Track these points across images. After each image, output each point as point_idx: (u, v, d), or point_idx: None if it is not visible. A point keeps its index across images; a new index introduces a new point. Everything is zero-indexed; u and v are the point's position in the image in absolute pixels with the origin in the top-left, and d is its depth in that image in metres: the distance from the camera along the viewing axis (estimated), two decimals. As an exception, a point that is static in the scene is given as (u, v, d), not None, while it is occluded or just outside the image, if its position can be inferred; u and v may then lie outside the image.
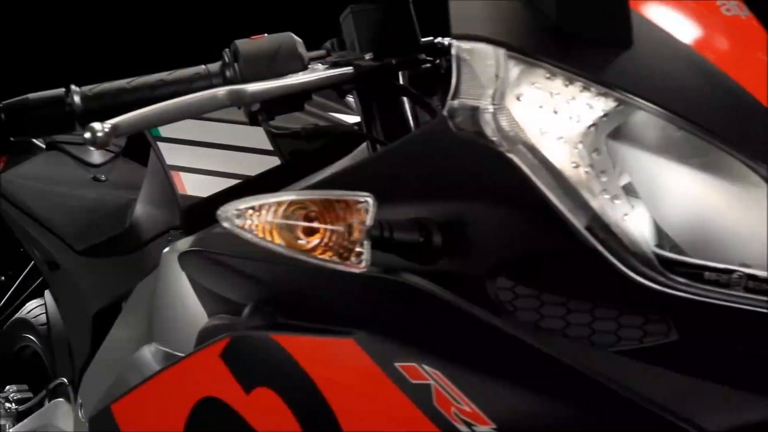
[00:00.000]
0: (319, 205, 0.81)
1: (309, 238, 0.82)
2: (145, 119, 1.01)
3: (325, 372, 0.95)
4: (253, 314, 1.08)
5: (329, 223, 0.81)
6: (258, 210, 0.82)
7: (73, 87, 1.09)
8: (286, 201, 0.81)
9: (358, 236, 0.81)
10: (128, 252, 1.82)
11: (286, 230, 0.82)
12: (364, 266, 0.82)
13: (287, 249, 0.82)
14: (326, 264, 0.83)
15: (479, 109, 0.82)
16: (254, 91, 1.06)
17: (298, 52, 1.12)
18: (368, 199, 0.81)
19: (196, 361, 1.13)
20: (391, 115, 1.21)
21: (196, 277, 1.25)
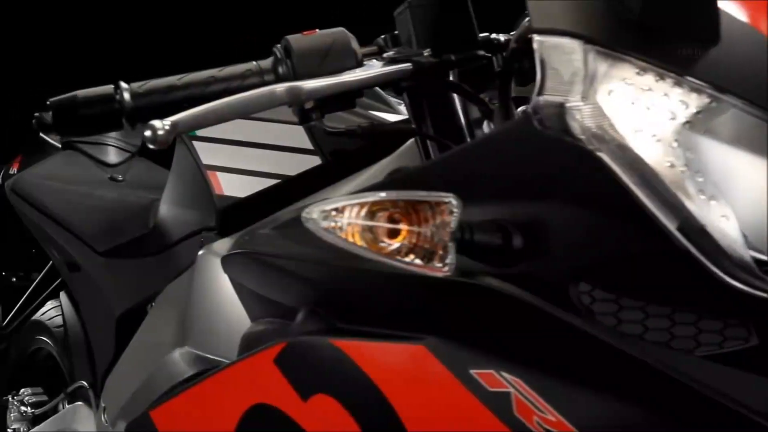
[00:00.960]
0: (404, 205, 0.78)
1: (391, 240, 0.79)
2: (204, 117, 0.98)
3: (392, 379, 0.92)
4: (308, 318, 1.05)
5: (414, 225, 0.78)
6: (341, 211, 0.79)
7: (122, 83, 1.05)
8: (370, 201, 0.78)
9: (442, 238, 0.78)
10: (153, 253, 1.78)
11: (367, 232, 0.79)
12: (449, 270, 0.79)
13: (370, 251, 0.79)
14: (408, 267, 0.79)
15: (566, 106, 0.79)
16: (312, 88, 1.03)
17: (352, 48, 1.09)
18: (453, 200, 0.78)
19: (246, 366, 1.09)
20: (443, 112, 1.18)
21: (242, 279, 1.22)
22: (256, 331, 1.19)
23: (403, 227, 0.78)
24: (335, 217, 0.79)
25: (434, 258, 0.79)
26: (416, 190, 0.82)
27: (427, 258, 0.79)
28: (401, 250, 0.79)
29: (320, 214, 0.79)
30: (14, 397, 2.33)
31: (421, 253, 0.79)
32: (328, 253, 1.01)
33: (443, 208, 0.78)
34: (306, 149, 1.39)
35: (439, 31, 1.09)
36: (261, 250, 1.14)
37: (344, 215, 0.79)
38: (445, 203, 0.78)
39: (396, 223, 0.78)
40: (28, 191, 2.11)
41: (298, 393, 1.01)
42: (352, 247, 0.79)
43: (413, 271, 0.80)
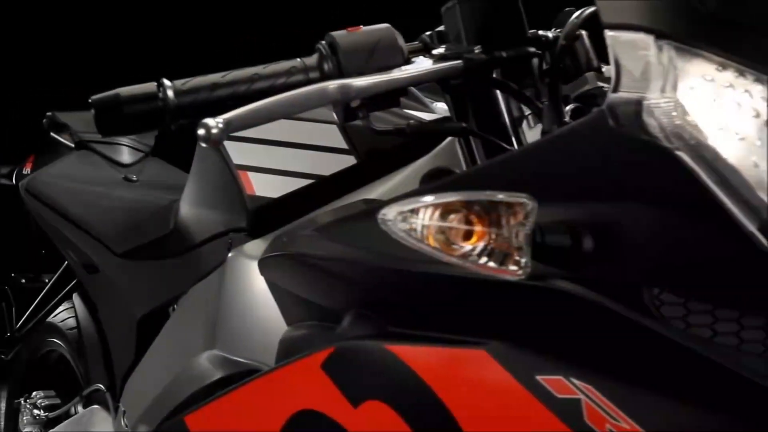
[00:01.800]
0: (479, 206, 0.75)
1: (465, 242, 0.76)
2: (256, 114, 0.95)
3: (451, 385, 0.89)
4: (356, 322, 1.02)
5: (490, 227, 0.75)
6: (416, 212, 0.76)
7: (165, 81, 1.02)
8: (445, 202, 0.75)
9: (519, 241, 0.75)
10: (174, 255, 1.75)
11: (439, 233, 0.76)
12: (523, 274, 0.76)
13: (444, 254, 0.76)
14: (482, 270, 0.77)
15: (644, 103, 0.76)
16: (363, 86, 1.00)
17: (399, 45, 1.06)
18: (529, 201, 0.75)
19: (291, 371, 1.06)
20: (488, 111, 1.16)
21: (281, 282, 1.19)
22: (297, 335, 1.16)
23: (479, 229, 0.75)
24: (411, 218, 0.76)
25: (509, 261, 0.76)
26: (485, 190, 0.79)
27: (501, 260, 0.76)
28: (474, 253, 0.76)
29: (398, 215, 0.76)
30: (27, 400, 2.29)
31: (495, 255, 0.76)
32: (375, 255, 0.99)
33: (519, 209, 0.75)
34: (340, 149, 1.36)
35: (488, 27, 1.06)
36: (303, 251, 1.11)
37: (419, 216, 0.76)
38: (521, 204, 0.75)
39: (471, 225, 0.75)
40: (43, 191, 2.08)
41: (347, 399, 0.98)
42: (427, 250, 0.77)
43: (485, 275, 0.77)
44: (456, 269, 0.81)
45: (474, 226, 0.75)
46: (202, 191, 1.67)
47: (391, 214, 0.77)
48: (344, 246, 1.04)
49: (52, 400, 2.29)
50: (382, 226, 0.79)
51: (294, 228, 1.22)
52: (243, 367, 1.41)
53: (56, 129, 2.34)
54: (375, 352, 0.96)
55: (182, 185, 2.13)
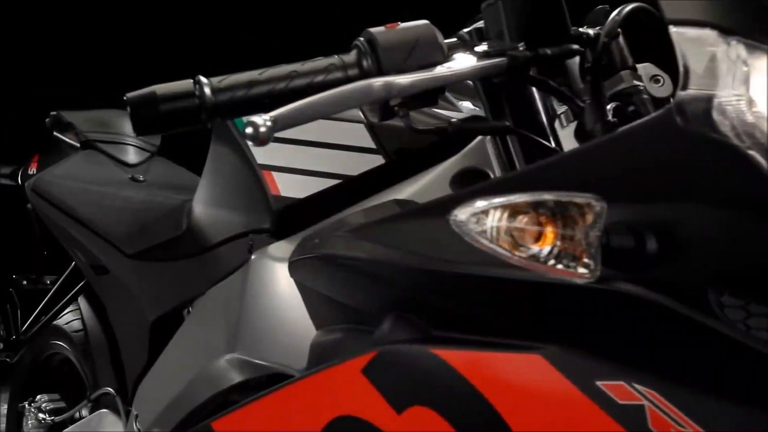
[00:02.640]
0: (550, 207, 0.73)
1: (534, 244, 0.73)
2: (303, 111, 0.92)
3: (504, 391, 0.87)
4: (397, 326, 1.00)
5: (563, 228, 0.72)
6: (486, 213, 0.73)
7: (202, 78, 1.00)
8: (515, 203, 0.73)
9: (590, 243, 0.73)
10: (187, 256, 1.72)
11: (507, 235, 0.73)
12: (593, 277, 0.74)
13: (514, 256, 0.73)
14: (551, 273, 0.74)
15: (714, 101, 0.74)
16: (407, 83, 0.97)
17: (439, 42, 1.04)
18: (600, 202, 0.73)
19: (329, 376, 1.03)
20: (524, 109, 1.14)
21: (313, 284, 1.16)
22: (330, 339, 1.14)
23: (550, 230, 0.73)
24: (482, 220, 0.73)
25: (578, 263, 0.74)
26: (546, 190, 0.77)
27: (570, 263, 0.74)
28: (542, 254, 0.74)
29: (471, 216, 0.74)
30: (31, 404, 2.26)
31: (564, 257, 0.74)
32: (418, 257, 0.96)
33: (589, 210, 0.73)
34: (368, 148, 1.33)
35: (532, 24, 1.04)
36: (338, 253, 1.08)
37: (488, 217, 0.73)
38: (591, 205, 0.73)
39: (541, 226, 0.73)
40: (50, 191, 2.05)
41: (391, 405, 0.96)
42: (499, 252, 0.74)
43: (546, 277, 0.75)
44: (512, 271, 0.79)
45: (545, 228, 0.73)
46: (218, 191, 1.64)
47: (463, 215, 0.75)
48: (383, 247, 1.01)
49: (57, 404, 2.26)
50: (454, 227, 0.76)
51: (323, 229, 1.20)
52: (266, 370, 1.39)
53: (60, 128, 2.30)
54: (421, 357, 0.94)
55: (191, 185, 2.10)
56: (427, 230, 0.92)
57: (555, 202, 0.73)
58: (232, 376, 1.45)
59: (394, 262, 0.98)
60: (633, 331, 0.80)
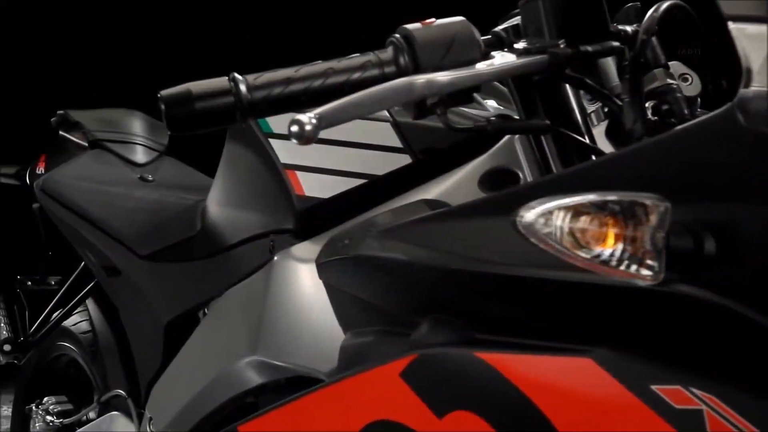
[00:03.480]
0: (615, 208, 0.71)
1: (597, 245, 0.71)
2: (346, 109, 0.91)
3: (553, 396, 0.85)
4: (437, 329, 0.98)
5: (628, 229, 0.70)
6: (552, 214, 0.71)
7: (237, 75, 0.98)
8: (580, 203, 0.71)
9: (654, 244, 0.71)
10: (202, 257, 1.70)
11: (570, 236, 0.71)
12: (656, 279, 0.72)
13: (578, 258, 0.72)
14: (616, 275, 0.72)
15: None
16: (448, 81, 0.95)
17: (476, 39, 1.02)
18: (665, 202, 0.71)
19: (365, 380, 1.01)
20: (559, 107, 1.12)
21: (343, 285, 1.14)
22: (362, 342, 1.11)
23: (616, 231, 0.71)
24: (550, 220, 0.71)
25: (642, 265, 0.72)
26: (601, 189, 0.75)
27: (634, 265, 0.72)
28: (605, 256, 0.72)
29: (538, 217, 0.72)
30: (38, 406, 2.23)
31: (629, 259, 0.72)
32: (459, 258, 0.94)
33: (654, 211, 0.71)
34: (394, 147, 1.31)
35: (572, 21, 1.02)
36: (372, 254, 1.06)
37: (553, 218, 0.71)
38: (656, 205, 0.71)
39: (606, 227, 0.71)
40: (59, 191, 2.02)
41: (431, 409, 0.94)
42: (566, 254, 0.72)
43: (615, 280, 0.73)
44: (572, 274, 0.77)
45: (611, 229, 0.71)
46: (235, 192, 1.62)
47: (531, 216, 0.73)
48: (421, 248, 0.99)
49: (65, 406, 2.23)
50: (520, 228, 0.74)
51: (352, 230, 1.17)
52: (289, 372, 1.36)
53: (66, 127, 2.28)
54: (463, 360, 0.92)
55: (201, 185, 2.08)
56: (475, 231, 0.90)
57: (621, 202, 0.71)
58: (252, 379, 1.42)
59: (434, 263, 0.96)
60: (691, 333, 0.78)
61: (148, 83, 3.88)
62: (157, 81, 1.07)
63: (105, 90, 3.59)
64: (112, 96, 2.77)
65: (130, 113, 2.29)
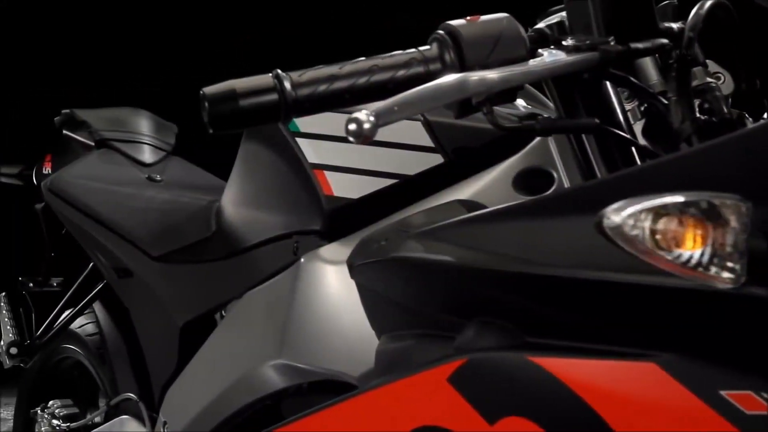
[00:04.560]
0: (697, 209, 0.69)
1: (679, 247, 0.69)
2: (402, 106, 0.88)
3: (614, 401, 0.83)
4: (484, 332, 0.95)
5: (714, 231, 0.68)
6: (639, 215, 0.69)
7: (280, 72, 0.95)
8: (663, 204, 0.68)
9: (737, 246, 0.69)
10: (219, 259, 1.67)
11: (651, 238, 0.69)
12: (737, 282, 0.70)
13: (661, 260, 0.69)
14: (698, 278, 0.70)
15: None
16: (500, 78, 0.93)
17: (522, 36, 1.00)
18: (747, 204, 0.69)
19: (410, 385, 0.99)
20: (600, 106, 1.10)
21: (379, 288, 1.12)
22: (401, 346, 1.09)
23: (701, 233, 0.69)
24: (639, 222, 0.69)
25: (722, 268, 0.70)
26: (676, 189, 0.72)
27: (715, 268, 0.70)
28: (684, 258, 0.70)
29: (628, 218, 0.69)
30: (44, 410, 2.20)
31: (710, 261, 0.70)
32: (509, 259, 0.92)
33: (736, 212, 0.69)
34: (425, 147, 1.29)
35: (621, 17, 1.00)
36: (414, 256, 1.03)
37: (640, 219, 0.69)
38: (739, 206, 0.69)
39: (689, 228, 0.69)
40: (68, 191, 1.99)
41: (482, 415, 0.92)
42: (649, 256, 0.70)
43: (694, 283, 0.71)
44: (648, 277, 0.75)
45: (695, 230, 0.69)
46: (254, 192, 1.59)
47: (618, 218, 0.70)
48: (467, 250, 0.97)
49: (70, 410, 2.19)
50: (607, 231, 0.72)
51: (386, 231, 1.15)
52: (316, 376, 1.34)
53: (71, 126, 2.24)
54: (516, 365, 0.89)
55: (211, 185, 2.05)
56: (531, 232, 0.88)
57: (705, 202, 0.69)
58: (276, 382, 1.40)
59: (483, 265, 0.93)
60: (763, 337, 0.76)
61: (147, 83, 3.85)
62: (156, 81, 1.04)
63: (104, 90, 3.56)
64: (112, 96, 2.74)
65: (136, 112, 2.26)
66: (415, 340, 1.08)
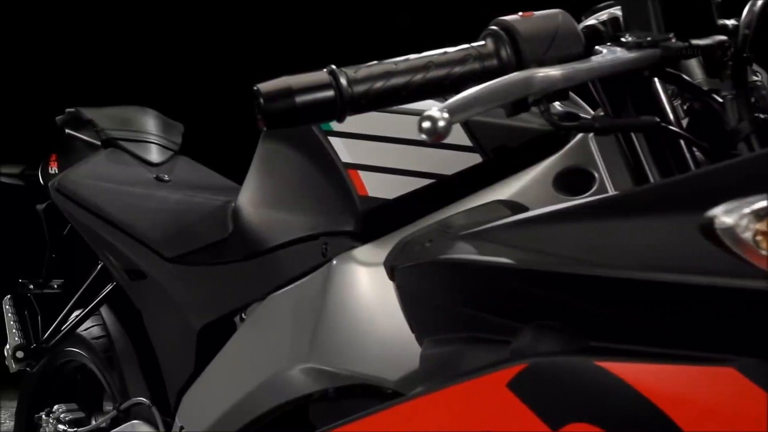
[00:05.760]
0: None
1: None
2: (470, 104, 0.86)
3: (690, 408, 0.80)
4: (544, 336, 0.93)
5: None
6: (751, 215, 0.67)
7: (335, 68, 0.92)
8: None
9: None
10: (237, 260, 1.64)
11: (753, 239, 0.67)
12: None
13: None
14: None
15: None
16: (562, 75, 0.91)
17: (578, 33, 0.97)
18: None
19: (467, 390, 0.96)
20: (649, 105, 1.08)
21: (423, 290, 1.09)
22: (448, 350, 1.06)
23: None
24: (748, 224, 0.67)
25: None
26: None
27: None
28: None
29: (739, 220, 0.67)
30: (49, 415, 2.15)
31: None
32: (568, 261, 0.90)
33: None
34: (463, 146, 1.26)
35: (680, 13, 0.98)
36: (467, 258, 1.01)
37: (750, 221, 0.67)
38: None
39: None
40: (77, 192, 1.95)
41: (544, 421, 0.89)
42: (753, 258, 0.67)
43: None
44: (729, 280, 0.73)
45: None
46: (274, 192, 1.56)
47: (731, 219, 0.68)
48: (527, 252, 0.95)
49: (76, 414, 2.15)
50: (720, 234, 0.69)
51: (429, 232, 1.12)
52: (349, 380, 1.31)
53: (76, 125, 2.20)
54: (583, 370, 0.87)
55: (223, 186, 2.02)
56: (610, 232, 0.86)
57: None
58: (306, 385, 1.37)
59: (547, 267, 0.91)
60: None
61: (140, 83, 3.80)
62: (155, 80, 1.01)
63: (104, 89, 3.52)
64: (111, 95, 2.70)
65: (143, 111, 2.22)
66: (462, 344, 1.05)
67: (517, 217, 1.01)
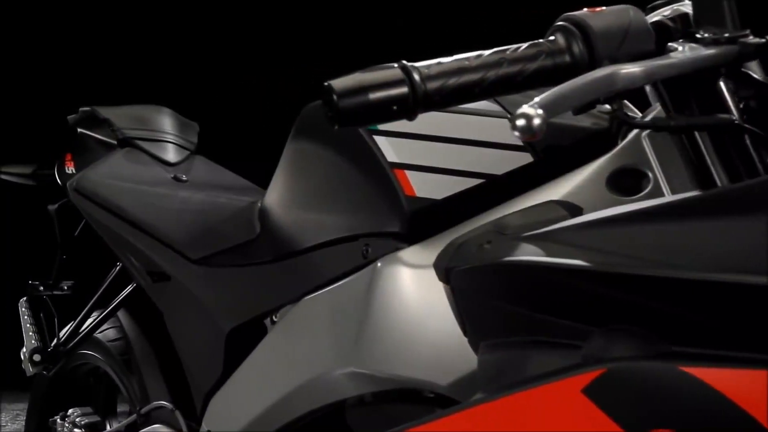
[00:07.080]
0: None
1: None
2: (557, 101, 0.84)
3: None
4: (620, 340, 0.90)
5: None
6: None
7: (407, 63, 0.90)
8: None
9: None
10: (267, 262, 1.60)
11: None
12: None
13: None
14: None
15: None
16: (643, 72, 0.89)
17: (650, 29, 0.95)
18: None
19: (539, 396, 0.94)
20: (713, 104, 1.05)
21: (484, 293, 1.06)
22: (509, 354, 1.03)
23: None
24: None
25: None
26: None
27: None
28: None
29: None
30: (64, 419, 2.12)
31: None
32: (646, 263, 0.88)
33: None
34: (513, 145, 1.24)
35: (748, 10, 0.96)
36: (536, 261, 0.98)
37: None
38: None
39: None
40: (96, 192, 1.91)
41: (624, 428, 0.87)
42: None
43: None
44: None
45: None
46: (308, 193, 1.53)
47: None
48: (598, 254, 0.92)
49: (92, 418, 2.12)
50: None
51: (485, 233, 1.10)
52: (394, 384, 1.29)
53: (89, 124, 2.17)
54: (667, 375, 0.84)
55: (243, 186, 1.99)
56: (688, 234, 0.83)
57: None
58: (346, 390, 1.35)
59: (627, 270, 0.88)
60: None
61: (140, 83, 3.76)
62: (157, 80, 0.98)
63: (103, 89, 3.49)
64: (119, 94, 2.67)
65: (158, 110, 2.19)
66: (525, 349, 1.02)
67: (584, 219, 0.99)
